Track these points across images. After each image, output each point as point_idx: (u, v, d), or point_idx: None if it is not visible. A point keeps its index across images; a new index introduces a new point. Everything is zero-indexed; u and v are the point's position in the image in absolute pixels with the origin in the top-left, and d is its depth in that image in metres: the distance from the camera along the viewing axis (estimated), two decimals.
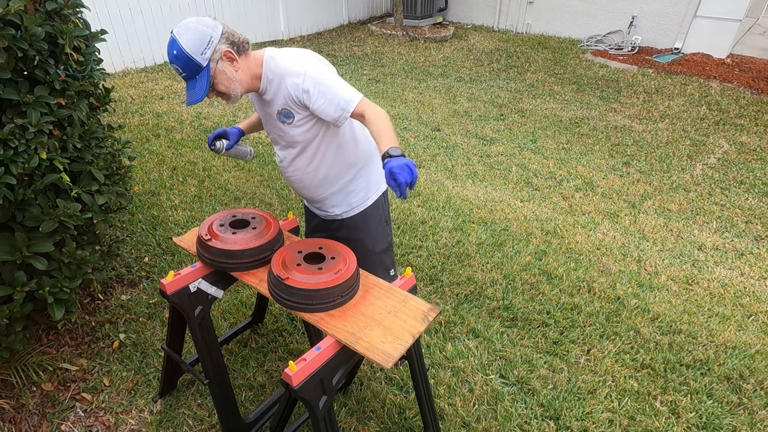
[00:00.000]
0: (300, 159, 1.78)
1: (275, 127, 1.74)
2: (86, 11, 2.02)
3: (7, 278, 1.74)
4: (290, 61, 1.59)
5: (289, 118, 1.66)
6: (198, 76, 1.48)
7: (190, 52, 1.43)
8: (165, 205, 3.46)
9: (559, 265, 2.98)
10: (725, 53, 7.30)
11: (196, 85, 1.49)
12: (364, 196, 1.93)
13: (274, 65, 1.59)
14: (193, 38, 1.43)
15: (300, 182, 1.85)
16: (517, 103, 5.73)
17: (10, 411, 1.98)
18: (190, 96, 1.51)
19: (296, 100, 1.59)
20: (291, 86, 1.56)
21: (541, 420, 2.03)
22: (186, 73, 1.47)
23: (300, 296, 1.43)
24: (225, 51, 1.49)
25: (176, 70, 1.48)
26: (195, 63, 1.45)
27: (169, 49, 1.46)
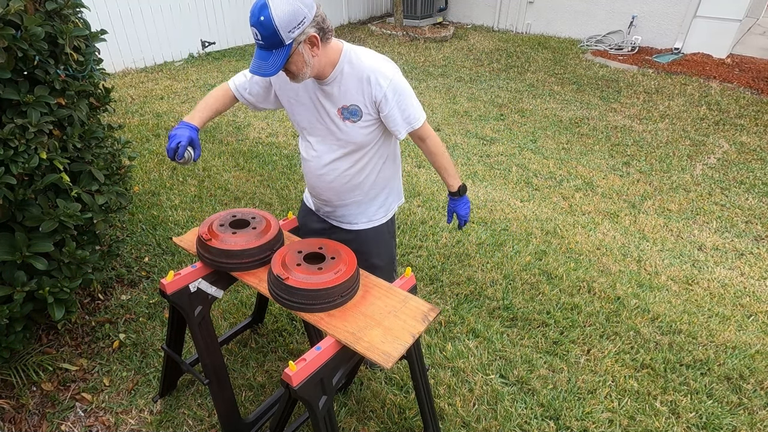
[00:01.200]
0: (344, 160, 1.70)
1: (327, 121, 1.63)
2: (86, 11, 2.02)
3: (7, 278, 1.74)
4: (377, 62, 1.57)
5: (355, 116, 1.60)
6: (276, 50, 1.38)
7: (278, 26, 1.33)
8: (165, 205, 3.46)
9: (559, 265, 2.98)
10: (725, 53, 7.30)
11: (270, 59, 1.39)
12: (384, 212, 1.92)
13: (357, 60, 1.55)
14: (286, 12, 1.33)
15: (330, 183, 1.75)
16: (517, 103, 5.73)
17: (10, 411, 1.98)
18: (260, 67, 1.41)
19: (374, 100, 1.56)
20: (374, 86, 1.54)
21: (541, 420, 2.03)
22: (264, 42, 1.36)
23: (300, 296, 1.43)
24: (312, 35, 1.40)
25: (255, 35, 1.37)
26: (279, 38, 1.35)
27: (257, 12, 1.34)
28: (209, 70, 6.62)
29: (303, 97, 1.65)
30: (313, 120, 1.67)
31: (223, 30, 7.52)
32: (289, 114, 1.74)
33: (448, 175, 1.83)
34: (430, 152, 1.77)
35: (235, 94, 1.75)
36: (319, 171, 1.74)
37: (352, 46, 1.58)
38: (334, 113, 1.61)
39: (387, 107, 1.57)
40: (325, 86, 1.57)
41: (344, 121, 1.61)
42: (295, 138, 4.69)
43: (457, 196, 1.89)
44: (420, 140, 1.74)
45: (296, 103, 1.67)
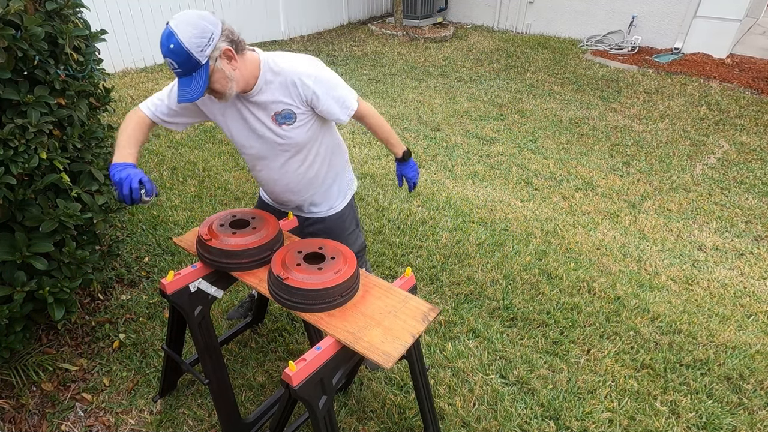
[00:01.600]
0: (293, 162, 1.76)
1: (264, 130, 1.66)
2: (86, 11, 2.02)
3: (7, 278, 1.74)
4: (296, 63, 1.61)
5: (289, 120, 1.64)
6: (195, 73, 1.41)
7: (189, 48, 1.36)
8: (165, 205, 3.46)
9: (559, 265, 2.98)
10: (725, 53, 7.30)
11: (192, 83, 1.42)
12: (343, 195, 2.01)
13: (277, 67, 1.58)
14: (193, 33, 1.36)
15: (287, 186, 1.82)
16: (517, 103, 5.73)
17: (10, 411, 1.98)
18: (184, 93, 1.44)
19: (305, 100, 1.61)
20: (301, 87, 1.58)
21: (541, 420, 2.03)
22: (182, 69, 1.39)
23: (300, 296, 1.43)
24: (225, 49, 1.43)
25: (170, 64, 1.40)
26: (194, 60, 1.38)
27: (165, 41, 1.37)
28: None
29: (231, 113, 1.66)
30: (249, 133, 1.69)
31: None
32: (224, 130, 1.74)
33: (392, 144, 1.94)
34: (373, 126, 1.86)
35: (154, 120, 1.69)
36: (273, 177, 1.79)
37: (268, 53, 1.62)
38: (268, 121, 1.64)
39: (320, 103, 1.62)
40: (253, 97, 1.59)
41: (280, 126, 1.65)
42: None
43: (404, 161, 2.00)
44: (361, 119, 1.81)
45: (227, 119, 1.68)
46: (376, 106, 5.52)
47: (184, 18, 1.38)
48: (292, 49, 7.83)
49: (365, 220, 3.36)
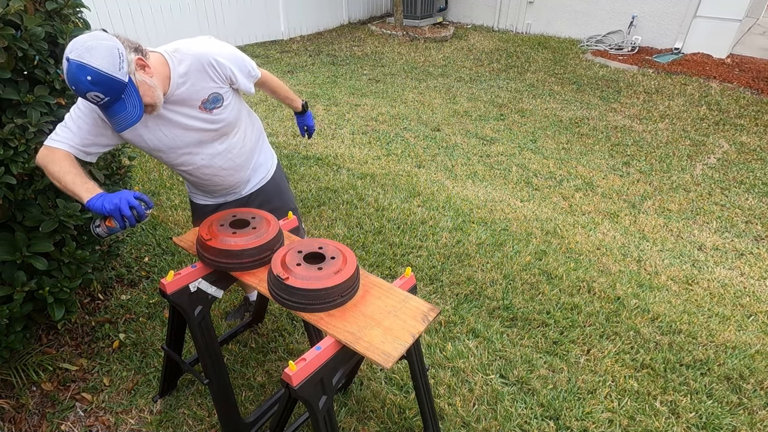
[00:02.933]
0: (233, 141, 1.76)
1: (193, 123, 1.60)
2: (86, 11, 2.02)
3: (7, 278, 1.74)
4: (200, 45, 1.56)
5: (217, 102, 1.61)
6: (124, 94, 1.33)
7: (108, 72, 1.27)
8: (165, 205, 3.45)
9: (559, 265, 2.98)
10: (725, 53, 7.30)
11: (128, 105, 1.34)
12: (271, 155, 2.07)
13: (185, 56, 1.52)
14: (103, 55, 1.27)
15: (233, 166, 1.82)
16: (517, 103, 5.73)
17: (10, 411, 1.98)
18: (126, 118, 1.35)
19: (224, 77, 1.59)
20: (218, 66, 1.56)
21: (541, 420, 2.03)
22: (110, 96, 1.30)
23: (300, 296, 1.43)
24: (137, 59, 1.36)
25: (95, 98, 1.30)
26: (117, 81, 1.29)
27: (79, 77, 1.25)
28: None
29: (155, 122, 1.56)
30: (180, 133, 1.61)
31: (223, 30, 7.52)
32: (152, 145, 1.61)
33: (292, 99, 2.07)
34: (275, 89, 1.96)
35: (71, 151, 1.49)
36: (218, 165, 1.77)
37: (163, 48, 1.54)
38: (196, 113, 1.60)
39: (236, 78, 1.63)
40: (172, 97, 1.53)
41: (211, 113, 1.62)
42: (295, 137, 4.69)
43: (303, 113, 2.17)
44: (262, 85, 1.87)
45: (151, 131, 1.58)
46: (376, 106, 5.52)
47: (81, 46, 1.27)
48: (292, 49, 7.83)
49: (365, 220, 3.36)
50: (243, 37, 7.85)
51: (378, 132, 4.86)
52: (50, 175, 1.46)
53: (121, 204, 1.37)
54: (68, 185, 1.43)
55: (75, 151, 1.50)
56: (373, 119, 5.17)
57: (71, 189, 1.43)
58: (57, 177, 1.44)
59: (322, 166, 4.14)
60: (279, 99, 2.04)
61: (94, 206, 1.39)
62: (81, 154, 1.52)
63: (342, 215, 3.42)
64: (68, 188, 1.44)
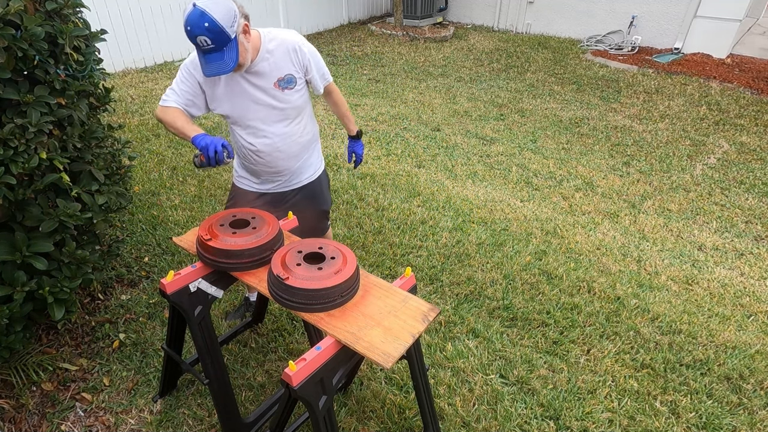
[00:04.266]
0: (293, 126, 1.92)
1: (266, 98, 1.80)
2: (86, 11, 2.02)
3: (7, 278, 1.74)
4: (289, 33, 1.83)
5: (291, 84, 1.82)
6: (226, 47, 1.55)
7: (223, 24, 1.50)
8: (165, 205, 3.46)
9: (559, 265, 2.98)
10: (725, 53, 7.29)
11: (225, 56, 1.56)
12: (320, 158, 2.21)
13: (275, 37, 1.77)
14: (223, 11, 1.51)
15: (288, 153, 1.95)
16: (517, 103, 5.73)
17: (10, 411, 1.98)
18: (218, 66, 1.57)
19: (302, 64, 1.83)
20: (299, 53, 1.81)
21: (541, 420, 2.03)
22: (215, 44, 1.53)
23: (300, 296, 1.43)
24: (244, 24, 1.60)
25: (203, 42, 1.52)
26: (226, 34, 1.52)
27: (198, 21, 1.49)
28: None
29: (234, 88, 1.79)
30: (250, 104, 1.82)
31: None
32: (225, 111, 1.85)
33: (350, 121, 2.24)
34: (336, 102, 2.14)
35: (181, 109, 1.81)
36: (282, 147, 1.92)
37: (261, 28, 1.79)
38: (270, 88, 1.80)
39: (311, 69, 1.88)
40: (254, 68, 1.75)
41: (283, 91, 1.82)
42: None
43: (357, 139, 2.31)
44: (329, 93, 2.08)
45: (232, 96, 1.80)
46: (376, 106, 5.52)
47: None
48: None
49: (365, 220, 3.36)
50: None
51: (378, 132, 4.86)
52: (166, 123, 1.77)
53: (209, 145, 1.63)
54: (179, 127, 1.74)
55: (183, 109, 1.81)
56: (373, 119, 5.17)
57: (182, 130, 1.73)
58: (171, 123, 1.75)
59: None
60: (338, 114, 2.21)
61: (195, 140, 1.68)
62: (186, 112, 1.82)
63: (342, 215, 3.42)
64: (179, 129, 1.73)
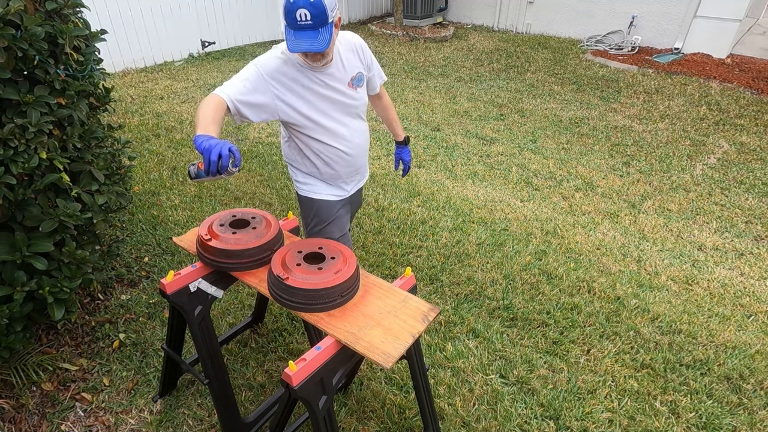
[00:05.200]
0: (361, 123, 1.93)
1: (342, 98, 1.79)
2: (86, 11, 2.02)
3: (7, 278, 1.74)
4: (352, 35, 1.85)
5: (360, 82, 1.85)
6: (322, 28, 1.53)
7: (327, 6, 1.50)
8: (165, 205, 3.46)
9: (559, 265, 2.98)
10: (725, 53, 7.29)
11: (319, 35, 1.53)
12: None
13: (342, 38, 1.79)
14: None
15: (362, 147, 1.96)
16: (517, 103, 5.73)
17: (10, 411, 1.98)
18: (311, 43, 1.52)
19: (366, 63, 1.87)
20: (364, 51, 1.85)
21: (541, 420, 2.03)
22: (312, 21, 1.50)
23: (300, 296, 1.43)
24: (339, 17, 1.61)
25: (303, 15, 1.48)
26: (326, 16, 1.51)
27: None
28: (209, 70, 6.62)
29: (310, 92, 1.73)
30: (330, 105, 1.79)
31: (223, 30, 7.52)
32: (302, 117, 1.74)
33: (398, 126, 2.21)
34: (386, 106, 2.14)
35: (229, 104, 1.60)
36: (357, 141, 1.91)
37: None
38: (345, 88, 1.79)
39: (372, 69, 1.92)
40: (329, 69, 1.73)
41: (356, 89, 1.83)
42: None
43: (404, 145, 2.26)
44: (381, 95, 2.09)
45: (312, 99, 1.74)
46: None
47: None
48: None
49: (365, 220, 3.36)
50: (243, 37, 7.85)
51: (378, 132, 4.86)
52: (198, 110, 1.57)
53: (213, 148, 1.36)
54: (198, 117, 1.53)
55: (232, 105, 1.61)
56: (372, 119, 5.17)
57: (196, 122, 1.54)
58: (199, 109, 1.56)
59: None
60: (386, 120, 2.19)
61: (195, 141, 1.44)
62: (234, 110, 1.63)
63: None
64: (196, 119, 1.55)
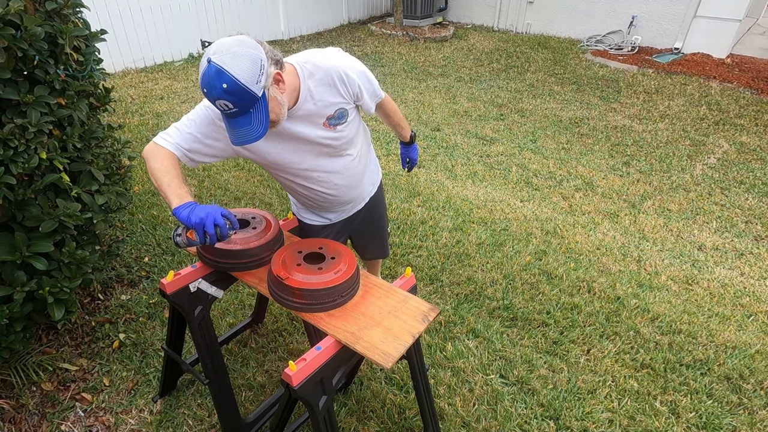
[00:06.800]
0: (349, 158, 1.68)
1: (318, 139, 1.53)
2: (86, 11, 2.02)
3: (7, 278, 1.74)
4: (330, 57, 1.49)
5: (342, 119, 1.55)
6: (253, 109, 1.26)
7: (246, 84, 1.20)
8: (165, 205, 3.45)
9: (559, 265, 2.98)
10: (725, 53, 7.29)
11: (253, 120, 1.26)
12: (377, 169, 2.01)
13: (314, 68, 1.45)
14: (245, 65, 1.20)
15: (349, 185, 1.74)
16: (517, 103, 5.73)
17: (10, 411, 1.98)
18: (247, 133, 1.28)
19: (351, 93, 1.53)
20: (348, 81, 1.49)
21: (541, 420, 2.03)
22: (238, 108, 1.23)
23: (300, 296, 1.43)
24: (275, 74, 1.29)
25: (223, 106, 1.23)
26: (251, 95, 1.22)
27: (215, 83, 1.19)
28: None
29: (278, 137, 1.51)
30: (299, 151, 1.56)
31: (223, 30, 7.52)
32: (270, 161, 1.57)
33: (403, 128, 1.97)
34: (388, 113, 1.87)
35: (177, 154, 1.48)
36: (335, 182, 1.69)
37: (295, 58, 1.48)
38: (320, 129, 1.53)
39: (362, 95, 1.57)
40: (297, 113, 1.46)
41: (335, 129, 1.55)
42: None
43: (410, 144, 2.08)
44: (379, 107, 1.79)
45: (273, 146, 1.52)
46: None
47: (227, 50, 1.20)
48: (292, 49, 7.83)
49: None
50: None
51: (378, 132, 4.86)
52: (150, 170, 1.44)
53: (206, 219, 1.31)
54: (162, 186, 1.40)
55: (180, 154, 1.48)
56: (373, 119, 5.17)
57: (164, 190, 1.40)
58: (155, 175, 1.42)
59: None
60: (390, 124, 1.93)
61: (180, 215, 1.34)
62: (185, 159, 1.50)
63: None
64: (162, 189, 1.41)
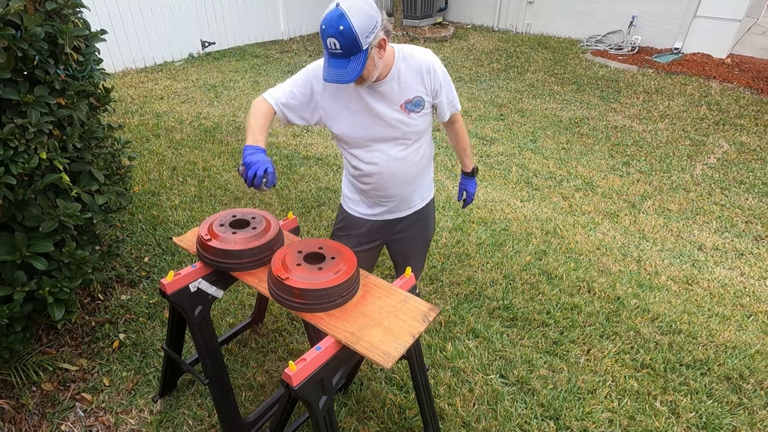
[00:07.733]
0: (411, 151, 1.77)
1: (389, 119, 1.66)
2: (86, 11, 2.02)
3: (7, 278, 1.74)
4: (424, 52, 1.68)
5: (418, 107, 1.69)
6: (354, 57, 1.42)
7: (358, 33, 1.38)
8: (165, 205, 3.45)
9: (559, 265, 2.98)
10: (725, 53, 7.29)
11: (349, 65, 1.43)
12: (431, 186, 2.05)
13: (410, 57, 1.64)
14: (364, 19, 1.38)
15: (403, 176, 1.80)
16: (517, 103, 5.73)
17: (10, 411, 1.98)
18: (340, 75, 1.44)
19: (433, 89, 1.69)
20: (432, 74, 1.66)
21: (541, 420, 2.03)
22: (342, 51, 1.40)
23: (300, 296, 1.43)
24: (381, 39, 1.47)
25: (332, 44, 1.40)
26: (358, 44, 1.39)
27: (334, 22, 1.36)
28: (209, 70, 6.62)
29: (357, 106, 1.65)
30: (371, 124, 1.68)
31: (223, 30, 7.52)
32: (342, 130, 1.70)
33: (467, 156, 2.04)
34: (459, 134, 1.96)
35: (276, 109, 1.68)
36: (391, 169, 1.76)
37: (396, 44, 1.66)
38: (395, 110, 1.66)
39: (441, 94, 1.73)
40: (381, 87, 1.61)
41: (409, 114, 1.68)
42: (295, 138, 4.68)
43: (471, 177, 2.11)
44: (453, 122, 1.91)
45: (350, 115, 1.66)
46: None
47: (355, 2, 1.39)
48: (292, 49, 7.82)
49: None
50: (243, 37, 7.85)
51: None
52: (249, 115, 1.65)
53: (253, 165, 1.49)
54: (249, 125, 1.61)
55: (278, 109, 1.67)
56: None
57: (247, 131, 1.61)
58: (249, 117, 1.64)
59: (322, 166, 4.14)
60: (456, 148, 2.02)
61: (244, 151, 1.54)
62: (281, 115, 1.68)
63: None
64: (247, 129, 1.62)
